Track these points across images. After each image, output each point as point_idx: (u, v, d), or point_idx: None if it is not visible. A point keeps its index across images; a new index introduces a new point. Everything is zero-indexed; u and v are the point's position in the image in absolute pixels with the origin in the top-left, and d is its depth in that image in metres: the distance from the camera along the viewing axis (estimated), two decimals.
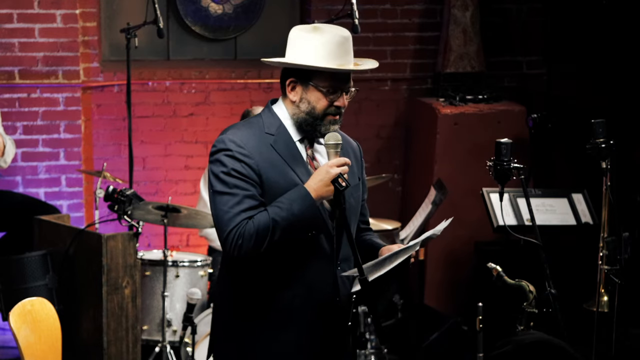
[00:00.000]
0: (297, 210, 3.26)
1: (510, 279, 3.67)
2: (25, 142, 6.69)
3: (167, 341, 5.67)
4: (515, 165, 3.89)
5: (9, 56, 6.58)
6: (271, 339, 3.39)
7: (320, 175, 3.29)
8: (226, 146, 3.33)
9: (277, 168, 3.35)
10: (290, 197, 3.28)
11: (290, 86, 3.41)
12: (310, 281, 3.38)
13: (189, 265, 5.79)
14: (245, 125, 3.44)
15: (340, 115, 3.43)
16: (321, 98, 3.38)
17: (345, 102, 3.42)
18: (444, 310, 6.72)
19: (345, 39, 3.39)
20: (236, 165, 3.31)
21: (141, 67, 6.92)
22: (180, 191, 7.01)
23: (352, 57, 3.42)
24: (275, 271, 3.37)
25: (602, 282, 4.58)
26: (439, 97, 7.09)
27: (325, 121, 3.39)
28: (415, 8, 7.31)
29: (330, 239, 3.39)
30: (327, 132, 3.39)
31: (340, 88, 3.39)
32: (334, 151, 3.35)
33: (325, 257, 3.39)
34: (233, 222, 3.27)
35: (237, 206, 3.28)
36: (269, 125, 3.41)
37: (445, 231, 3.55)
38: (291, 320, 3.38)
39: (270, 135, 3.38)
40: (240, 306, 3.41)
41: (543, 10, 7.34)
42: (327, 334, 3.43)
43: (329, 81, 3.37)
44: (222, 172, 3.31)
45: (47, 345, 3.87)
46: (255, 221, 3.26)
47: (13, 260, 5.34)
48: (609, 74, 6.82)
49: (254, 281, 3.39)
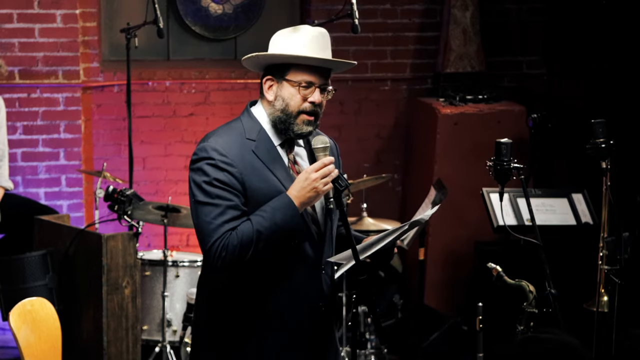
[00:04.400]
0: (280, 219, 3.24)
1: (510, 279, 3.67)
2: (25, 142, 6.69)
3: (167, 341, 5.68)
4: (515, 165, 3.89)
5: (9, 56, 6.58)
6: (256, 346, 3.36)
7: (302, 182, 3.27)
8: (209, 155, 3.29)
9: (259, 175, 3.31)
10: (273, 206, 3.25)
11: (267, 85, 3.39)
12: (295, 287, 3.36)
13: (189, 265, 5.79)
14: (226, 131, 3.39)
15: (316, 115, 3.36)
16: (295, 94, 3.33)
17: (319, 98, 3.34)
18: (444, 310, 6.73)
19: (322, 34, 3.37)
20: (219, 175, 3.27)
21: (141, 67, 6.92)
22: (180, 191, 7.01)
23: (330, 54, 3.39)
24: (260, 278, 3.34)
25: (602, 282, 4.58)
26: (439, 97, 7.09)
27: (298, 120, 3.34)
28: (415, 8, 7.32)
29: (314, 244, 3.37)
30: (300, 132, 3.35)
31: (314, 83, 3.34)
32: (323, 154, 3.33)
33: (309, 263, 3.37)
34: (216, 234, 3.23)
35: (220, 217, 3.24)
36: (250, 130, 3.37)
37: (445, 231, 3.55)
38: (276, 326, 3.36)
39: (251, 141, 3.34)
40: (224, 313, 3.38)
41: (543, 10, 7.34)
42: (312, 339, 3.42)
43: (303, 76, 3.33)
44: (205, 182, 3.28)
45: (47, 345, 3.87)
46: (238, 232, 3.23)
47: (13, 260, 5.35)
48: (609, 74, 6.81)
49: (238, 288, 3.36)
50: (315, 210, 3.39)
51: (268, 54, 3.37)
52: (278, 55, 3.35)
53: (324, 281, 3.41)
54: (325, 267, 3.41)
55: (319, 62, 3.33)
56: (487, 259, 3.91)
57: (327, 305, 3.43)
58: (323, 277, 3.41)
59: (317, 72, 3.34)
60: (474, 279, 6.60)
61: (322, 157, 3.31)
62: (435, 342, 6.30)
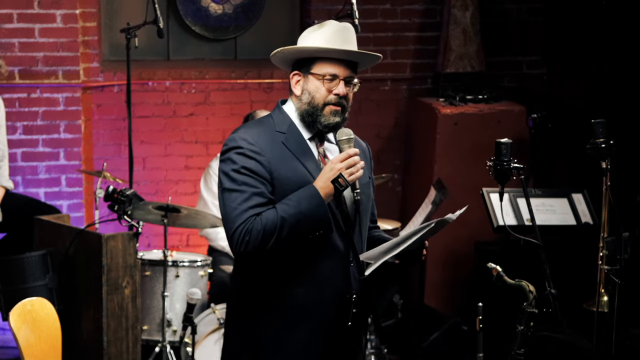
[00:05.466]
0: (306, 208, 3.26)
1: (510, 279, 3.67)
2: (25, 142, 6.69)
3: (167, 341, 5.67)
4: (515, 165, 3.89)
5: (9, 56, 6.58)
6: (283, 336, 3.38)
7: (327, 172, 3.30)
8: (237, 144, 3.34)
9: (288, 164, 3.35)
10: (299, 195, 3.28)
11: (294, 80, 3.45)
12: (322, 278, 3.37)
13: (189, 265, 5.79)
14: (256, 124, 3.46)
15: (342, 107, 3.41)
16: (320, 87, 3.38)
17: (345, 90, 3.39)
18: (444, 310, 6.73)
19: (346, 28, 3.42)
20: (246, 163, 3.31)
21: (141, 67, 6.92)
22: (180, 191, 7.02)
23: (355, 47, 3.43)
24: (287, 268, 3.36)
25: (602, 282, 4.58)
26: (439, 97, 7.09)
27: (325, 111, 3.39)
28: (415, 8, 7.32)
29: (342, 235, 3.39)
30: (327, 123, 3.39)
31: (338, 76, 3.38)
32: (347, 145, 3.36)
33: (337, 254, 3.39)
34: (240, 219, 3.26)
35: (244, 203, 3.27)
36: (280, 123, 3.42)
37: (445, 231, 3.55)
38: (303, 317, 3.38)
39: (281, 134, 3.40)
40: (252, 303, 3.41)
41: (543, 10, 7.34)
42: (339, 330, 3.43)
43: (327, 68, 3.38)
44: (232, 170, 3.31)
45: (47, 345, 3.87)
46: (263, 218, 3.25)
47: (13, 260, 5.34)
48: (609, 74, 6.81)
49: (266, 278, 3.38)
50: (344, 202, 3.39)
51: (292, 48, 3.42)
52: (302, 48, 3.41)
53: (351, 273, 3.41)
54: (353, 259, 3.41)
55: (340, 54, 3.38)
56: (487, 259, 3.91)
57: (356, 297, 3.42)
58: (351, 269, 3.41)
59: (342, 65, 3.39)
60: (474, 279, 6.61)
61: (347, 148, 3.34)
62: (435, 342, 6.30)
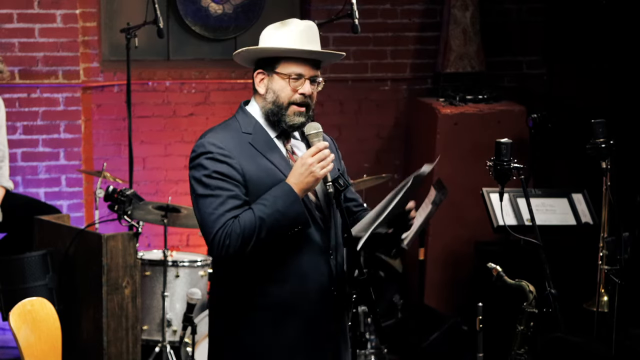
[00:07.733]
0: (282, 206, 3.26)
1: (510, 279, 3.67)
2: (25, 142, 6.69)
3: (167, 341, 5.68)
4: (515, 165, 3.89)
5: (9, 56, 6.58)
6: (271, 334, 3.38)
7: (299, 168, 3.30)
8: (206, 149, 3.34)
9: (258, 164, 3.36)
10: (273, 194, 3.28)
11: (258, 78, 3.44)
12: (303, 272, 3.38)
13: (189, 265, 5.79)
14: (222, 127, 3.46)
15: (307, 106, 3.40)
16: (285, 86, 3.38)
17: (310, 90, 3.39)
18: (444, 310, 6.72)
19: (310, 27, 3.43)
20: (218, 167, 3.31)
21: (141, 67, 6.92)
22: (180, 191, 7.01)
23: (319, 46, 3.43)
24: (268, 266, 3.37)
25: (602, 282, 4.59)
26: (439, 97, 7.09)
27: (289, 112, 3.38)
28: (415, 8, 7.32)
29: (320, 229, 3.40)
30: (292, 124, 3.39)
31: (303, 75, 3.38)
32: (317, 139, 3.36)
33: (316, 248, 3.40)
34: (218, 223, 3.26)
35: (220, 207, 3.27)
36: (245, 125, 3.42)
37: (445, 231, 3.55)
38: (289, 313, 3.38)
39: (247, 134, 3.40)
40: (236, 305, 3.41)
41: (543, 10, 7.34)
42: (326, 324, 3.44)
43: (292, 68, 3.37)
44: (204, 175, 3.32)
45: (47, 345, 3.87)
46: (241, 220, 3.25)
47: (13, 260, 5.34)
48: (609, 74, 6.81)
49: (247, 278, 3.38)
50: (317, 197, 3.42)
51: (257, 48, 3.42)
52: (267, 48, 3.41)
53: (333, 265, 3.43)
54: (333, 251, 3.43)
55: (307, 54, 3.38)
56: (487, 259, 3.91)
57: (339, 290, 3.44)
58: (332, 262, 3.43)
59: (307, 64, 3.39)
60: (474, 279, 6.60)
61: (317, 142, 3.34)
62: (435, 342, 6.30)
